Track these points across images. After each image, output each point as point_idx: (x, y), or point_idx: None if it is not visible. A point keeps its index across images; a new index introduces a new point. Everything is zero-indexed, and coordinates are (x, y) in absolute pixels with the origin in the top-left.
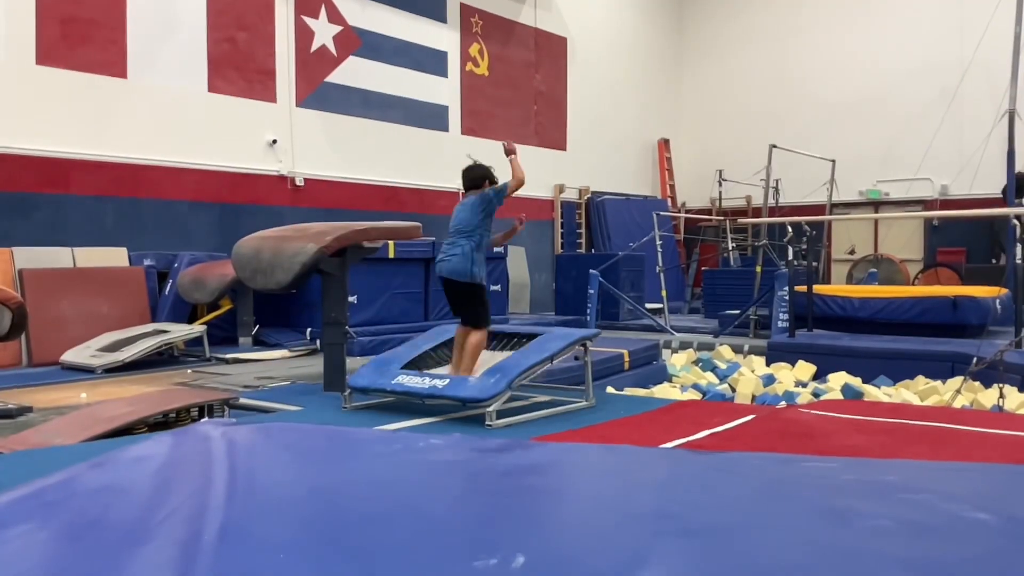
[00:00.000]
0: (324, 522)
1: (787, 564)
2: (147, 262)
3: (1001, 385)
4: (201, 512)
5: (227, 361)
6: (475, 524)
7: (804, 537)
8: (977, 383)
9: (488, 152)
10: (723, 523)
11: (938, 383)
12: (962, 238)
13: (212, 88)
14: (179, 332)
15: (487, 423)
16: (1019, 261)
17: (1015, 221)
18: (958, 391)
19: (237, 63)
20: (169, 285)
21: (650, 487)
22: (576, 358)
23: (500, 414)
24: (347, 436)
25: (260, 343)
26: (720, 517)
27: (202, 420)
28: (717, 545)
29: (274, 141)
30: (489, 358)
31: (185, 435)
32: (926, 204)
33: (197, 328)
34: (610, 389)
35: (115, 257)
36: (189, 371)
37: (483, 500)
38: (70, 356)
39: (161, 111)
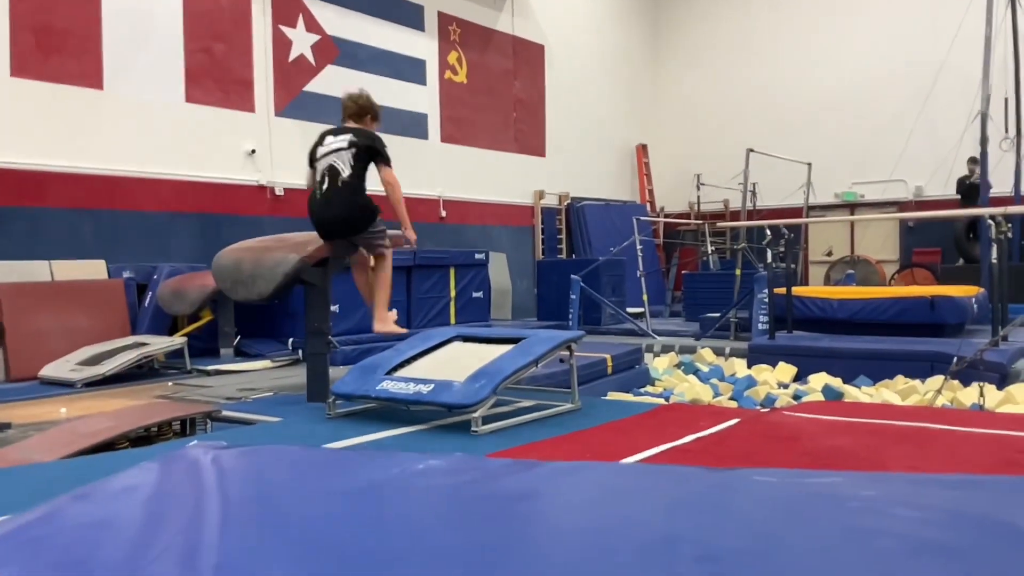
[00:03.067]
0: (322, 555)
1: None
2: (126, 274)
3: (981, 384)
4: (194, 550)
5: (208, 373)
6: (480, 554)
7: (826, 560)
8: (956, 382)
9: (468, 159)
10: (741, 548)
11: (917, 382)
12: (937, 238)
13: (189, 98)
14: (159, 344)
15: (473, 429)
16: (994, 260)
17: (989, 221)
18: (939, 391)
19: (214, 73)
20: (148, 297)
21: (660, 509)
22: (561, 360)
23: (486, 420)
24: (342, 460)
25: (242, 354)
26: (737, 541)
27: (191, 444)
28: (737, 572)
29: (253, 151)
30: (470, 361)
31: (173, 462)
32: (901, 205)
33: (177, 340)
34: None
35: (93, 270)
36: (170, 384)
37: (487, 528)
38: (49, 371)
39: (138, 122)
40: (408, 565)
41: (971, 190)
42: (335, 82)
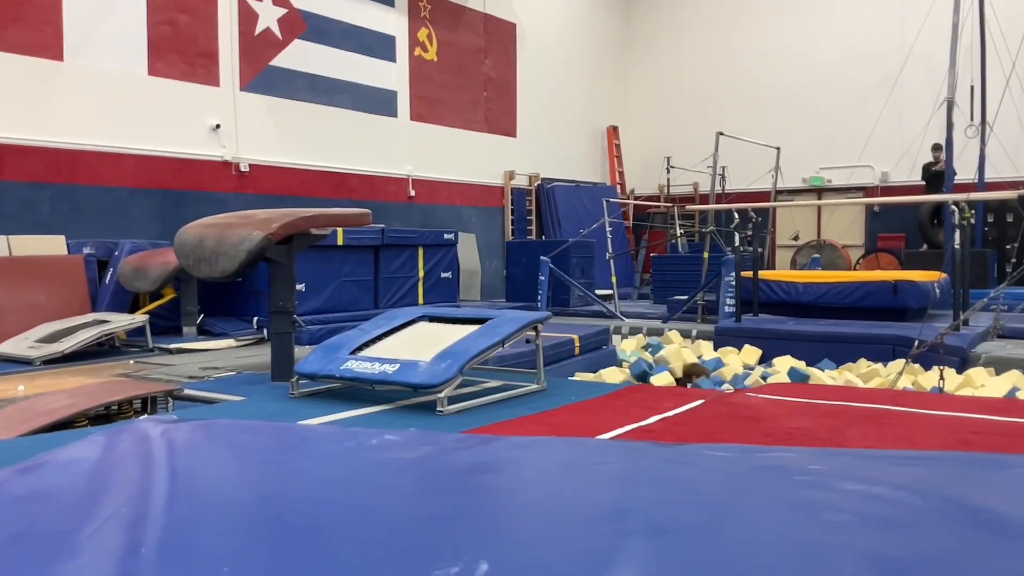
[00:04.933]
0: (272, 530)
1: (757, 562)
2: (86, 250)
3: (941, 367)
4: (138, 521)
5: (171, 351)
6: (434, 528)
7: (772, 533)
8: (917, 365)
9: (438, 138)
10: (689, 520)
11: (879, 365)
12: (901, 224)
13: (152, 71)
14: (120, 322)
15: (438, 410)
16: (957, 246)
17: (953, 207)
18: (900, 373)
19: (178, 46)
20: (109, 274)
21: (613, 483)
22: (527, 341)
23: (451, 400)
24: (295, 433)
25: (205, 333)
26: (685, 514)
27: (142, 417)
28: (684, 543)
29: (217, 126)
30: (435, 341)
31: (121, 435)
32: (867, 191)
33: (139, 318)
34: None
35: (53, 245)
36: (131, 362)
37: (442, 501)
38: (6, 348)
39: (99, 94)
40: (358, 534)
41: (935, 176)
42: (302, 57)
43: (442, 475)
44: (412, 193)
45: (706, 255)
